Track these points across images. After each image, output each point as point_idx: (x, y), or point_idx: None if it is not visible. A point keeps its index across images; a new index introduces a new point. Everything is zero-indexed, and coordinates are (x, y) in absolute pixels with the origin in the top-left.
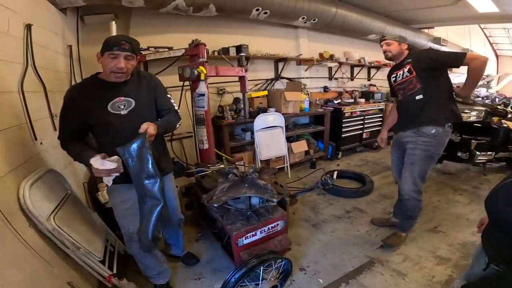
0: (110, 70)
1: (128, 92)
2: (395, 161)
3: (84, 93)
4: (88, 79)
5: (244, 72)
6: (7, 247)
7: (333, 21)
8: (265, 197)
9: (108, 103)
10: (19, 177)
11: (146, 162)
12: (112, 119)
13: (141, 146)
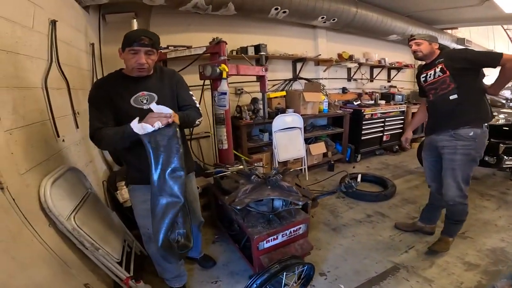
0: (131, 66)
1: (151, 87)
2: (429, 165)
3: (110, 86)
4: (113, 73)
5: (264, 71)
6: (26, 248)
7: (353, 21)
8: (290, 200)
9: (131, 97)
10: (40, 174)
11: (174, 153)
12: (134, 113)
13: (172, 136)
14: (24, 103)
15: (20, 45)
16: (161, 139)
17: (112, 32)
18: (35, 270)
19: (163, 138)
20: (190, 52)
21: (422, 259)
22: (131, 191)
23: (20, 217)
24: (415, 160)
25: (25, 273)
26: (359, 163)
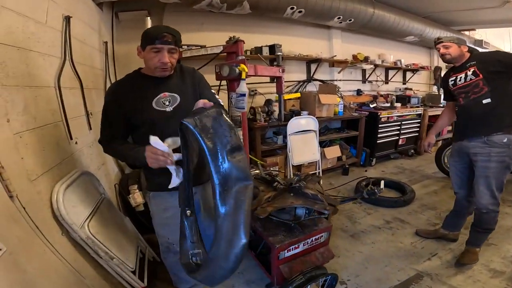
0: (154, 66)
1: (173, 87)
2: (457, 172)
3: (128, 90)
4: (131, 74)
5: (281, 72)
6: (38, 259)
7: (370, 22)
8: (315, 209)
9: (152, 99)
10: (53, 180)
11: (226, 132)
12: (157, 116)
13: (218, 115)
14: (36, 103)
15: (32, 42)
16: (208, 121)
17: (125, 30)
18: (47, 283)
19: (209, 120)
20: (206, 51)
21: (446, 266)
22: (151, 198)
23: (31, 226)
24: (432, 165)
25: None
26: (373, 167)
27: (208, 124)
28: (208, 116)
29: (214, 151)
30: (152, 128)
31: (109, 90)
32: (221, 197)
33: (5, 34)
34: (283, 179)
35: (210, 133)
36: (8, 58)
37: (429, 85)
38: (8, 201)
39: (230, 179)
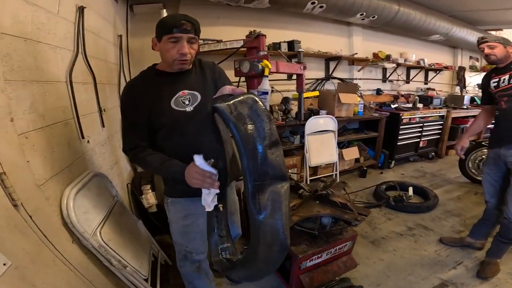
0: (172, 58)
1: (192, 84)
2: (491, 180)
3: (143, 90)
4: (146, 71)
5: (303, 69)
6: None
7: (395, 19)
8: (344, 219)
9: (170, 99)
10: (62, 184)
11: (264, 124)
12: (177, 118)
13: (254, 103)
14: (45, 99)
15: (42, 33)
16: (243, 110)
17: (139, 24)
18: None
19: (245, 107)
20: (225, 46)
21: (471, 275)
22: (170, 204)
23: (39, 236)
24: (453, 169)
25: None
26: (392, 169)
27: (244, 112)
28: (244, 103)
29: (251, 145)
30: (171, 131)
31: (124, 93)
32: (256, 200)
33: (11, 23)
34: (307, 185)
35: (246, 123)
36: (13, 50)
37: (451, 85)
38: (12, 211)
39: (267, 177)
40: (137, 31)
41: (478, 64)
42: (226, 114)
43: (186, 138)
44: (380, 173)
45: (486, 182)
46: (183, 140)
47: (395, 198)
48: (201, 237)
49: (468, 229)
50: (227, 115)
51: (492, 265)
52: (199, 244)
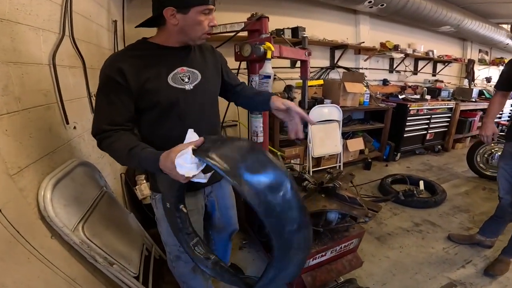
0: (203, 32)
1: (192, 62)
2: (507, 176)
3: (136, 63)
4: (134, 44)
5: (307, 56)
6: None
7: (404, 8)
8: (353, 214)
9: (168, 74)
10: (42, 173)
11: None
12: (175, 96)
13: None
14: (23, 82)
15: (22, 14)
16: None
17: (136, 10)
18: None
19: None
20: (225, 29)
21: (481, 275)
22: (158, 201)
23: (11, 231)
24: (460, 163)
25: None
26: (398, 162)
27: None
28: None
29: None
30: (167, 113)
31: (109, 63)
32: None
33: None
34: (312, 176)
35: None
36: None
37: (460, 78)
38: None
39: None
40: (134, 17)
41: (487, 57)
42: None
43: (183, 122)
44: (385, 166)
45: (502, 178)
46: (180, 125)
47: (405, 192)
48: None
49: (477, 226)
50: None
51: (503, 263)
52: None
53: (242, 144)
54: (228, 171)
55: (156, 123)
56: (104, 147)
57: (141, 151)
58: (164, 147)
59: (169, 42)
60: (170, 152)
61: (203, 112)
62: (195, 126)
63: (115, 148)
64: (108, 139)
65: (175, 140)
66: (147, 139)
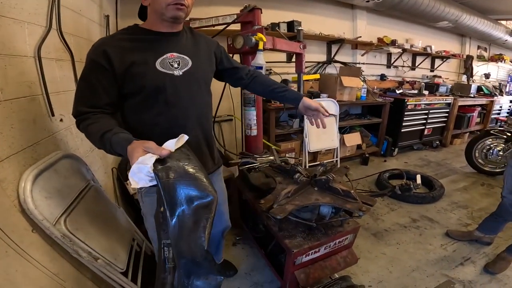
0: (167, 3)
1: (183, 48)
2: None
3: (123, 46)
4: (125, 29)
5: (302, 48)
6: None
7: (401, 3)
8: (346, 208)
9: (156, 59)
10: (24, 164)
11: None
12: (163, 81)
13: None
14: (5, 73)
15: (6, 7)
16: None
17: (129, 5)
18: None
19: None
20: (217, 21)
21: (480, 272)
22: (145, 195)
23: None
24: (458, 158)
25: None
26: (395, 157)
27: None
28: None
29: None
30: (153, 98)
31: (94, 47)
32: None
33: None
34: (305, 169)
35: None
36: None
37: (458, 74)
38: None
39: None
40: (127, 12)
41: (486, 54)
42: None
43: (171, 109)
44: (383, 161)
45: (509, 176)
46: (167, 112)
47: (402, 186)
48: None
49: (476, 222)
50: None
51: (504, 261)
52: None
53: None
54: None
55: (141, 109)
56: (81, 128)
57: (113, 136)
58: (150, 135)
59: (156, 26)
60: (138, 146)
61: (192, 99)
62: (184, 113)
63: (90, 131)
64: (85, 121)
65: (161, 128)
66: (131, 126)
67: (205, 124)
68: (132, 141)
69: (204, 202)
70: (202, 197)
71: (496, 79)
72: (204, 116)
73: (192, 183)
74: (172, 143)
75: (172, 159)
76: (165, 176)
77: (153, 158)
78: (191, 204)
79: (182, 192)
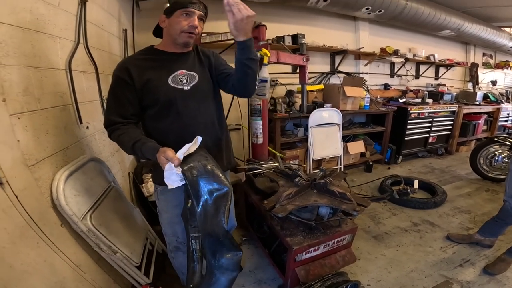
0: (182, 30)
1: (190, 65)
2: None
3: (141, 65)
4: (143, 50)
5: (305, 61)
6: (29, 252)
7: (402, 14)
8: (342, 209)
9: (168, 76)
10: (55, 166)
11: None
12: (174, 95)
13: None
14: (42, 84)
15: (41, 23)
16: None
17: (144, 19)
18: (37, 279)
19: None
20: (226, 37)
21: (479, 273)
22: (160, 194)
23: (24, 217)
24: (464, 165)
25: (25, 282)
26: (399, 165)
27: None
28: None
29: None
30: (167, 110)
31: (119, 65)
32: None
33: (8, 13)
34: (306, 174)
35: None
36: (9, 37)
37: (463, 81)
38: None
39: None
40: (143, 26)
41: (492, 61)
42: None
43: (182, 118)
44: (387, 169)
45: (510, 181)
46: (178, 121)
47: (399, 191)
48: None
49: (478, 226)
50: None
51: (504, 263)
52: None
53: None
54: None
55: (157, 118)
56: (113, 138)
57: (142, 146)
58: (165, 140)
59: (169, 47)
60: (162, 152)
61: (199, 109)
62: (193, 121)
63: (122, 140)
64: (116, 131)
65: (174, 134)
66: (150, 132)
67: (212, 130)
68: (158, 150)
69: (222, 193)
70: (220, 189)
71: (503, 86)
72: (211, 123)
73: (211, 178)
74: (186, 148)
75: (194, 161)
76: (190, 175)
77: (176, 162)
78: (211, 195)
79: (204, 186)
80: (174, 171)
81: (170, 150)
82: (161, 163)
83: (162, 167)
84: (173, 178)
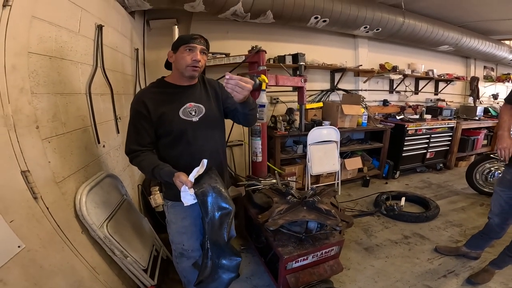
0: (186, 64)
1: (198, 97)
2: (500, 201)
3: (155, 98)
4: (155, 83)
5: (303, 82)
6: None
7: (400, 31)
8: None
9: (179, 109)
10: (78, 182)
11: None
12: (184, 126)
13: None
14: (67, 109)
15: (65, 50)
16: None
17: (155, 38)
18: (61, 278)
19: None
20: (229, 61)
21: (461, 284)
22: (170, 207)
23: (53, 225)
24: (461, 180)
25: (51, 281)
26: (397, 180)
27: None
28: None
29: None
30: (178, 140)
31: (135, 99)
32: None
33: (37, 43)
34: (298, 192)
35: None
36: (39, 67)
37: (464, 96)
38: (32, 202)
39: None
40: (153, 44)
41: (493, 74)
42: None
43: (191, 146)
44: (385, 183)
45: (495, 201)
46: (188, 149)
47: (387, 207)
48: (197, 236)
49: (467, 240)
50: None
51: (488, 273)
52: (195, 242)
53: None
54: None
55: (170, 146)
56: (134, 164)
57: (160, 171)
58: (177, 165)
59: (178, 80)
60: (177, 177)
61: (206, 138)
62: (200, 149)
63: (142, 166)
64: (137, 158)
65: (184, 161)
66: (163, 158)
67: (216, 157)
68: (174, 174)
69: (226, 211)
70: (225, 208)
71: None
72: (215, 151)
73: (219, 198)
74: (195, 171)
75: (205, 183)
76: (201, 196)
77: (189, 183)
78: (217, 212)
79: (211, 205)
80: (188, 192)
81: (183, 174)
82: (178, 186)
83: (179, 188)
84: (188, 197)
